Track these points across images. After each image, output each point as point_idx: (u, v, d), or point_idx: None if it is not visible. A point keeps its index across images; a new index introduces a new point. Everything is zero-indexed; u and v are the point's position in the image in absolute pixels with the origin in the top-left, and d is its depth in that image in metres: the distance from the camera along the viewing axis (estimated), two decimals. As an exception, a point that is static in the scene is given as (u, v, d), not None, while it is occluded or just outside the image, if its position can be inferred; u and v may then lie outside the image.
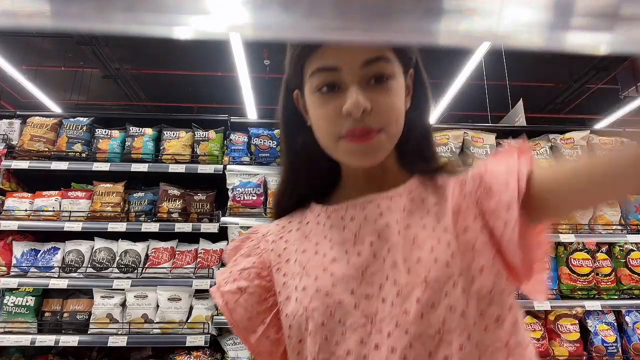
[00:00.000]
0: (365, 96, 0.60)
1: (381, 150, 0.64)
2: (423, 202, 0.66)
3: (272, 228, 0.76)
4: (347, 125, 0.61)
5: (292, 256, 0.69)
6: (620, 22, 0.28)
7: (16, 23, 0.29)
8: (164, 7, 0.29)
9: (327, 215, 0.70)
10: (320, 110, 0.64)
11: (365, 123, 0.61)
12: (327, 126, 0.64)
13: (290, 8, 0.28)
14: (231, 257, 0.77)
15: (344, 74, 0.61)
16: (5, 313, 2.43)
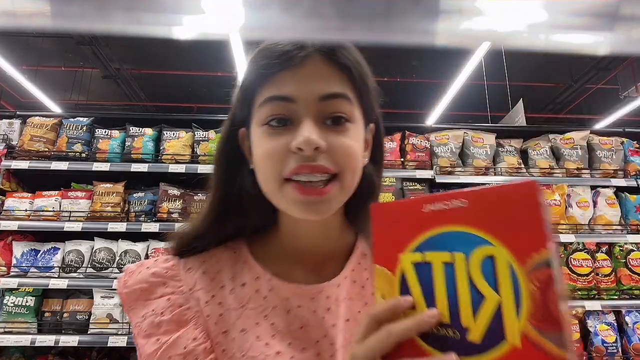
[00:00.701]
0: (320, 135, 0.53)
1: (332, 206, 0.56)
2: (363, 288, 0.62)
3: (198, 277, 0.61)
4: (295, 163, 0.53)
5: (230, 330, 0.58)
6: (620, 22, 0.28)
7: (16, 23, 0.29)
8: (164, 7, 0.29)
9: (269, 287, 0.60)
10: (266, 146, 0.55)
11: (317, 161, 0.53)
12: (271, 165, 0.55)
13: (290, 8, 0.28)
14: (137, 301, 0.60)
15: (299, 106, 0.54)
16: (5, 313, 2.43)
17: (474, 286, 0.37)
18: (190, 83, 8.11)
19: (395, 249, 0.42)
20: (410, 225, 0.41)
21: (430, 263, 0.40)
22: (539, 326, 0.34)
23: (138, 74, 7.66)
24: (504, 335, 0.35)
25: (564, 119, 8.38)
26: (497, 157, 2.89)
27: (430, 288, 0.39)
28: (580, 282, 2.57)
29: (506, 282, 0.35)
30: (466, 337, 0.37)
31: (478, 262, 0.37)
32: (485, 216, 0.37)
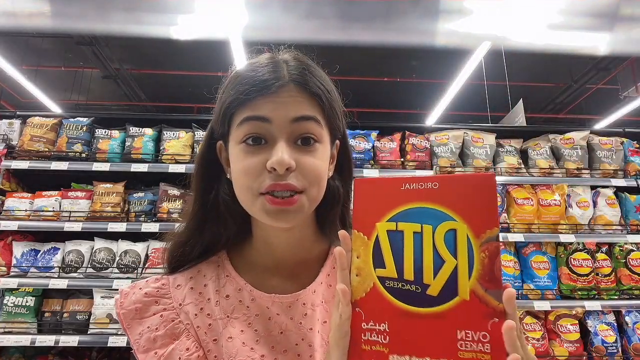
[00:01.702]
0: (291, 155, 0.59)
1: (299, 214, 0.62)
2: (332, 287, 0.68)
3: (187, 293, 0.67)
4: (269, 181, 0.59)
5: (219, 338, 0.64)
6: (620, 22, 0.28)
7: (16, 23, 0.29)
8: (164, 7, 0.29)
9: (251, 297, 0.66)
10: (243, 163, 0.61)
11: (287, 180, 0.59)
12: (248, 181, 0.61)
13: (291, 9, 0.28)
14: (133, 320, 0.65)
15: (273, 127, 0.60)
16: (5, 313, 2.43)
17: (437, 252, 0.46)
18: (190, 83, 8.10)
19: (373, 217, 0.50)
20: (388, 199, 0.49)
21: (402, 231, 0.48)
22: (485, 285, 0.44)
23: (138, 74, 7.66)
24: (457, 291, 0.45)
25: (564, 119, 8.38)
26: (497, 157, 2.89)
27: (400, 251, 0.48)
28: (580, 282, 2.57)
29: (463, 250, 0.45)
30: (426, 292, 0.46)
31: (442, 233, 0.46)
32: (452, 197, 0.46)
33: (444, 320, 0.45)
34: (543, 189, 2.73)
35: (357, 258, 0.50)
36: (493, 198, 0.45)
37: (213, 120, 0.69)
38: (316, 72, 0.66)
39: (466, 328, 0.44)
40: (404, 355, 0.45)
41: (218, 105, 0.67)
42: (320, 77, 0.65)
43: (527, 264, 2.63)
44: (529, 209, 2.67)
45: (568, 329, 2.53)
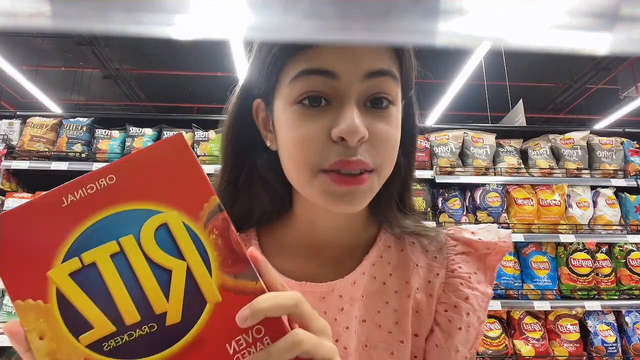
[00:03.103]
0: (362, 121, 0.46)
1: (368, 197, 0.50)
2: (384, 285, 0.56)
3: None
4: (335, 156, 0.46)
5: None
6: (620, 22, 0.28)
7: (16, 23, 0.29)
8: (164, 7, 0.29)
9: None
10: (299, 130, 0.47)
11: (357, 156, 0.46)
12: (306, 154, 0.47)
13: (291, 8, 0.28)
14: None
15: (341, 84, 0.47)
16: (5, 313, 2.43)
17: (155, 264, 0.32)
18: (190, 83, 8.11)
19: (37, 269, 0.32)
20: (50, 230, 0.32)
21: (94, 263, 0.32)
22: (231, 271, 0.33)
23: (138, 74, 7.66)
24: (204, 298, 0.33)
25: (563, 119, 8.39)
26: (497, 157, 2.89)
27: (103, 292, 0.32)
28: (580, 282, 2.57)
29: (187, 243, 0.33)
30: (166, 324, 0.32)
31: (151, 236, 0.32)
32: (141, 185, 0.33)
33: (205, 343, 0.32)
34: (543, 189, 2.73)
35: (40, 340, 0.32)
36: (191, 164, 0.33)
37: (251, 73, 0.55)
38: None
39: (235, 336, 0.33)
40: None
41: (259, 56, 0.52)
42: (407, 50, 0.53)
43: (527, 264, 2.63)
44: (528, 209, 2.67)
45: (568, 329, 2.53)
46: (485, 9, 0.29)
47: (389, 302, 0.54)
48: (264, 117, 0.55)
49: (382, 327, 0.53)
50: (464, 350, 0.54)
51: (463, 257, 0.58)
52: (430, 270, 0.57)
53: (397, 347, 0.52)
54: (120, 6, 0.28)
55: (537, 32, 0.29)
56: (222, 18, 0.29)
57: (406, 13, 0.28)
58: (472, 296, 0.55)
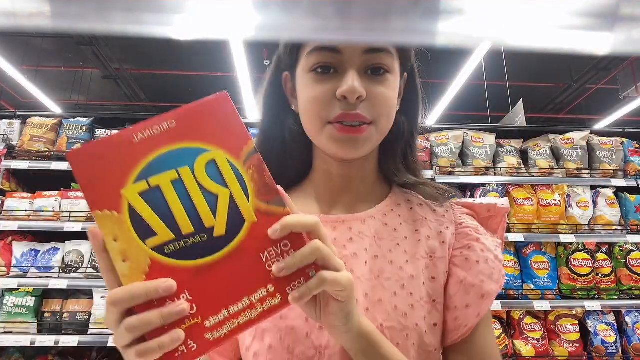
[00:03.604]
0: (362, 84, 0.58)
1: (368, 144, 0.61)
2: (396, 231, 0.64)
3: None
4: (338, 110, 0.58)
5: None
6: (620, 22, 0.28)
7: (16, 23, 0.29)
8: (164, 7, 0.29)
9: None
10: (312, 91, 0.60)
11: (357, 110, 0.58)
12: (317, 109, 0.60)
13: (291, 8, 0.28)
14: None
15: (344, 57, 0.59)
16: (5, 313, 2.43)
17: (205, 190, 0.41)
18: (190, 83, 8.11)
19: (113, 187, 0.40)
20: (123, 158, 0.40)
21: (158, 186, 0.40)
22: (264, 198, 0.42)
23: (138, 74, 7.66)
24: (243, 217, 0.42)
25: (564, 119, 8.38)
26: (497, 157, 2.89)
27: (166, 208, 0.40)
28: (580, 282, 2.57)
29: (230, 175, 0.42)
30: (214, 235, 0.41)
31: (202, 168, 0.41)
32: (196, 129, 0.41)
33: (244, 252, 0.41)
34: (543, 189, 2.73)
35: (114, 242, 0.40)
36: (234, 115, 0.42)
37: (279, 51, 0.67)
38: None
39: (267, 247, 0.42)
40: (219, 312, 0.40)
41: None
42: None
43: (527, 264, 2.63)
44: (529, 209, 2.67)
45: (568, 329, 2.53)
46: (485, 9, 0.29)
47: (400, 244, 0.62)
48: (290, 86, 0.68)
49: (393, 263, 0.60)
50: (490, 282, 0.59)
51: (468, 216, 0.66)
52: (440, 224, 0.65)
53: (408, 280, 0.59)
54: (120, 6, 0.28)
55: (537, 32, 0.29)
56: (222, 18, 0.29)
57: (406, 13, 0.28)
58: (483, 238, 0.63)
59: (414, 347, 0.55)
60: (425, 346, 0.57)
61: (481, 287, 0.59)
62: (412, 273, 0.59)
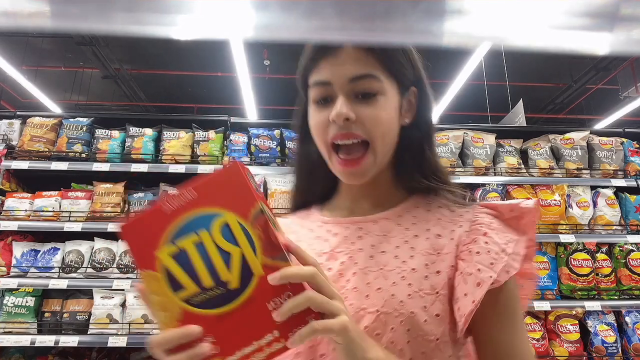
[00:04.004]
0: (351, 107, 0.65)
1: (368, 172, 0.69)
2: (407, 229, 0.70)
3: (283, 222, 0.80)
4: (333, 131, 0.67)
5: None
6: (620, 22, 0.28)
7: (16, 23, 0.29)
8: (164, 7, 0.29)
9: (319, 224, 0.76)
10: (314, 119, 0.70)
11: (349, 130, 0.66)
12: (319, 134, 0.69)
13: (290, 8, 0.28)
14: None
15: (334, 88, 0.67)
16: (5, 313, 2.43)
17: (221, 249, 0.49)
18: (190, 83, 8.11)
19: (150, 250, 0.49)
20: (156, 227, 0.50)
21: (183, 248, 0.49)
22: (270, 254, 0.49)
23: (138, 74, 7.66)
24: (252, 272, 0.49)
25: (564, 119, 8.38)
26: (497, 157, 2.89)
27: (191, 266, 0.49)
28: (580, 282, 2.57)
29: (241, 235, 0.49)
30: (229, 288, 0.49)
31: (218, 231, 0.49)
32: (212, 197, 0.49)
33: (254, 301, 0.49)
34: (543, 189, 2.73)
35: (155, 297, 0.49)
36: (243, 182, 0.50)
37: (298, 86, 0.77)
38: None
39: (273, 297, 0.48)
40: (234, 353, 0.49)
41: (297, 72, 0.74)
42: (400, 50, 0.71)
43: (527, 264, 2.63)
44: (529, 209, 2.67)
45: (568, 329, 2.53)
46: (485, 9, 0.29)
47: (408, 241, 0.68)
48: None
49: (398, 258, 0.66)
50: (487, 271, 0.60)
51: (488, 215, 0.68)
52: (454, 223, 0.69)
53: (409, 273, 0.64)
54: (120, 6, 0.28)
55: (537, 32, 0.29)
56: (222, 18, 0.29)
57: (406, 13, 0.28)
58: (491, 232, 0.65)
59: (409, 333, 0.60)
60: (423, 334, 0.60)
61: (477, 276, 0.60)
62: (413, 267, 0.64)
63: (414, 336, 0.60)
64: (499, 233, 0.65)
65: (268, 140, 2.78)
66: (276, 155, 2.78)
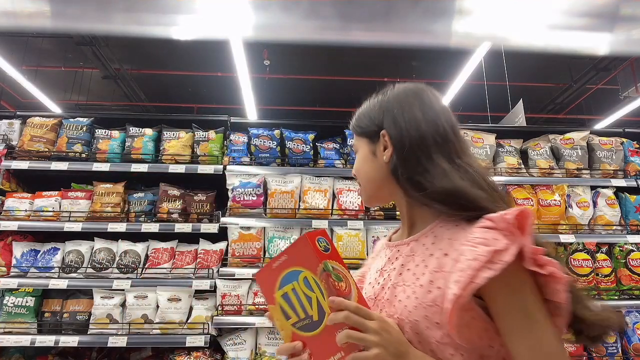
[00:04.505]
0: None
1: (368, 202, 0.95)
2: (427, 249, 0.79)
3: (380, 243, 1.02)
4: None
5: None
6: (620, 22, 0.28)
7: (16, 23, 0.29)
8: (164, 7, 0.29)
9: (384, 247, 0.94)
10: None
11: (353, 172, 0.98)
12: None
13: (290, 9, 0.28)
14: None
15: None
16: (5, 313, 2.43)
17: (305, 294, 0.72)
18: (190, 83, 8.11)
19: (271, 292, 0.76)
20: (272, 277, 0.76)
21: (287, 292, 0.74)
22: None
23: (138, 74, 7.66)
24: (325, 310, 0.70)
25: (564, 119, 8.38)
26: (497, 157, 2.89)
27: (292, 304, 0.74)
28: (580, 283, 2.57)
29: (315, 285, 0.71)
30: (313, 319, 0.71)
31: (302, 282, 0.72)
32: (296, 260, 0.73)
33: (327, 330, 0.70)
34: (543, 189, 2.73)
35: (277, 321, 0.77)
36: (311, 250, 0.71)
37: None
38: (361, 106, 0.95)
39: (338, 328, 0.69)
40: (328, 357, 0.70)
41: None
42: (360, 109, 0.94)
43: (527, 264, 2.63)
44: (528, 209, 2.67)
45: (568, 329, 2.52)
46: (485, 9, 0.29)
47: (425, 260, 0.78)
48: None
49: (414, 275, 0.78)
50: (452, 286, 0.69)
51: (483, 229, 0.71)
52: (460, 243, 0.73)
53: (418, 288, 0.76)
54: (120, 6, 0.28)
55: (538, 32, 0.29)
56: (223, 18, 0.29)
57: (406, 13, 0.28)
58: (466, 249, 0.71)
59: (417, 335, 0.74)
60: (426, 337, 0.73)
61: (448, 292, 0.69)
62: (422, 283, 0.75)
63: (420, 339, 0.74)
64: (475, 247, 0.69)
65: (268, 140, 2.78)
66: (276, 155, 2.78)
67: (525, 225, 0.69)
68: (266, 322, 2.40)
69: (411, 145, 0.81)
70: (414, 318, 0.73)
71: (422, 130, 0.81)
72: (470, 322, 0.69)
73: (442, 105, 0.87)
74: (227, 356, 2.44)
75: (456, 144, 0.82)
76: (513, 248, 0.66)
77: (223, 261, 2.59)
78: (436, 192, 0.77)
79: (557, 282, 0.66)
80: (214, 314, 2.45)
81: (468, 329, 0.69)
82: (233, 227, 2.58)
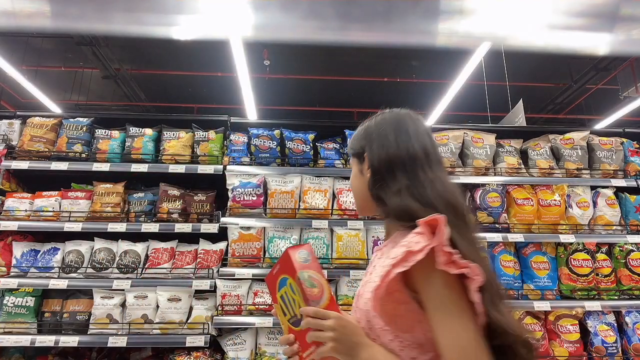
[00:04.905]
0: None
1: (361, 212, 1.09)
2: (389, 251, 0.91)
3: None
4: None
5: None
6: (620, 22, 0.28)
7: (16, 23, 0.29)
8: (164, 7, 0.29)
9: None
10: None
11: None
12: None
13: (290, 9, 0.28)
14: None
15: None
16: (5, 313, 2.43)
17: (292, 298, 0.89)
18: (190, 83, 8.11)
19: (274, 293, 0.95)
20: (273, 281, 0.95)
21: (282, 294, 0.92)
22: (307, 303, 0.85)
23: (138, 74, 7.66)
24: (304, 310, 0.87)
25: (564, 119, 8.38)
26: (497, 158, 2.89)
27: (286, 304, 0.91)
28: (580, 283, 2.57)
29: (297, 290, 0.88)
30: (298, 317, 0.87)
31: (289, 287, 0.89)
32: (283, 269, 0.91)
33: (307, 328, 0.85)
34: (543, 189, 2.73)
35: (279, 317, 0.96)
36: (290, 261, 0.88)
37: None
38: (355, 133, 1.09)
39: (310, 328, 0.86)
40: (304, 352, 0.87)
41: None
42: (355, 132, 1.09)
43: (527, 264, 2.63)
44: (529, 209, 2.67)
45: (568, 329, 2.53)
46: (485, 9, 0.29)
47: (382, 259, 0.93)
48: None
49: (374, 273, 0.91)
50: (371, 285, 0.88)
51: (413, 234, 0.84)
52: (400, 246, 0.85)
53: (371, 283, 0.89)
54: (120, 6, 0.28)
55: (538, 32, 0.29)
56: (223, 18, 0.29)
57: (406, 14, 0.28)
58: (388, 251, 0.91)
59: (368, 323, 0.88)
60: (374, 325, 0.87)
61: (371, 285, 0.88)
62: (374, 279, 0.87)
63: (370, 326, 0.88)
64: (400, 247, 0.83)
65: (268, 140, 2.78)
66: (276, 155, 2.78)
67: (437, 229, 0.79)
68: (266, 322, 2.40)
69: (379, 166, 0.96)
70: (365, 308, 0.89)
71: (391, 153, 0.95)
72: (405, 314, 0.83)
73: (419, 129, 0.99)
74: (227, 356, 2.44)
75: (424, 163, 0.93)
76: (427, 249, 0.78)
77: (223, 261, 2.59)
78: (391, 207, 0.92)
79: (471, 283, 0.76)
80: (214, 314, 2.45)
81: (402, 319, 0.83)
82: (233, 227, 2.58)
